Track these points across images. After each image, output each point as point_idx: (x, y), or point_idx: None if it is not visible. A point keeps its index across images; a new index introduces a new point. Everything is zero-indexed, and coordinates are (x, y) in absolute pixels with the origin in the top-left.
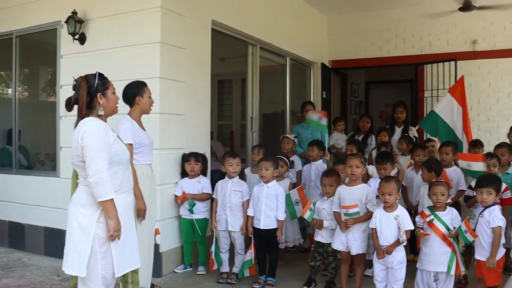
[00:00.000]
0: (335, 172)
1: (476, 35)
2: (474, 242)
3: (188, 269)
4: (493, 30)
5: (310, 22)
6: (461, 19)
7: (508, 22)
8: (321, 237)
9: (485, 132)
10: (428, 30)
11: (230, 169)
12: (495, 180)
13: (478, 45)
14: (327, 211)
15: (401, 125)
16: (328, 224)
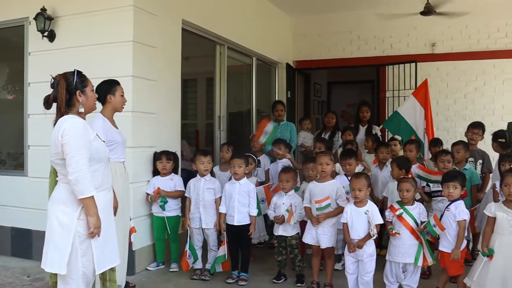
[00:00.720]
0: (292, 168)
1: (435, 38)
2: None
3: (161, 266)
4: (450, 34)
5: (275, 22)
6: (421, 23)
7: (465, 26)
8: (283, 230)
9: (443, 131)
10: (390, 32)
11: (201, 167)
12: (460, 175)
13: (436, 47)
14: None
15: (365, 124)
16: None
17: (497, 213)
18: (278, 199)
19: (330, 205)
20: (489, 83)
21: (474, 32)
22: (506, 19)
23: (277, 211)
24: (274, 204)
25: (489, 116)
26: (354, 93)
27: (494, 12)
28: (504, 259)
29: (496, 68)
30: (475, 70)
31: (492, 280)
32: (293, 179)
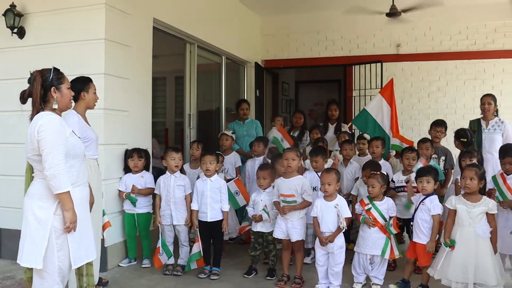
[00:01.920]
0: (269, 165)
1: (399, 39)
2: (413, 226)
3: (133, 263)
4: (415, 35)
5: (245, 22)
6: (386, 24)
7: (428, 28)
8: (261, 227)
9: (408, 129)
10: (356, 33)
11: (172, 163)
12: (434, 170)
13: (401, 48)
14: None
15: (334, 122)
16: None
17: (457, 205)
18: (256, 196)
19: (296, 202)
20: (451, 83)
21: (437, 34)
22: (466, 22)
23: (255, 207)
24: (252, 201)
25: (451, 115)
26: (321, 92)
27: (455, 15)
28: (465, 249)
29: (458, 69)
30: (438, 70)
31: (454, 269)
32: (270, 176)
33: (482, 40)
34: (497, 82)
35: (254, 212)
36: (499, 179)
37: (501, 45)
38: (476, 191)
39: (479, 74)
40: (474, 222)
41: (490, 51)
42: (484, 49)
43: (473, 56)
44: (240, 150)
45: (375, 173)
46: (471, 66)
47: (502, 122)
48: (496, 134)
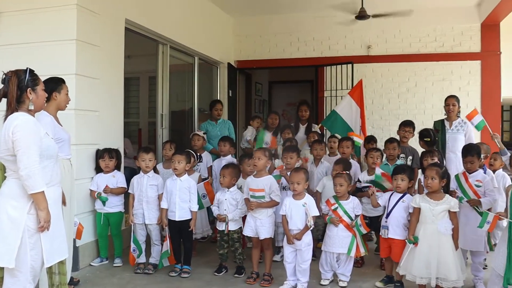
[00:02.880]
0: (232, 164)
1: (370, 41)
2: (389, 223)
3: (105, 262)
4: (385, 37)
5: (217, 23)
6: (357, 26)
7: (398, 30)
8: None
9: (378, 129)
10: (328, 34)
11: (143, 164)
12: (408, 169)
13: (372, 50)
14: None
15: (305, 123)
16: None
17: (421, 204)
18: (220, 195)
19: (264, 198)
20: (420, 84)
21: (407, 36)
22: (434, 25)
23: (220, 206)
24: (217, 200)
25: (420, 115)
26: (294, 93)
27: (424, 18)
28: (428, 246)
29: (427, 70)
30: (407, 71)
31: (417, 264)
32: (230, 175)
33: (449, 42)
34: (464, 83)
35: (218, 211)
36: (461, 177)
37: (467, 48)
38: (438, 189)
39: (447, 76)
40: (436, 219)
41: (457, 53)
42: (451, 51)
43: (441, 58)
44: (213, 150)
45: (342, 173)
46: (439, 67)
47: (465, 123)
48: (459, 134)
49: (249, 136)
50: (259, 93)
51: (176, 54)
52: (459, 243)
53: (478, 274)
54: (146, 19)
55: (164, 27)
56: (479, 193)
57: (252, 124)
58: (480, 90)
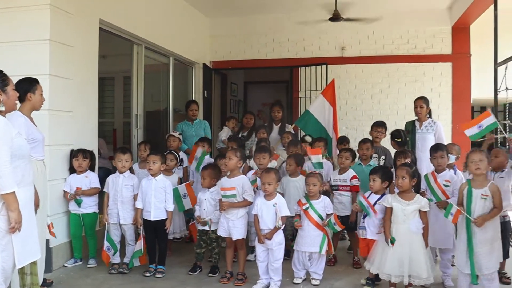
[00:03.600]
0: (211, 165)
1: (344, 42)
2: (367, 224)
3: (79, 263)
4: (358, 39)
5: (193, 23)
6: (331, 27)
7: (371, 32)
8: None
9: (352, 129)
10: (302, 35)
11: (119, 164)
12: (380, 170)
13: (346, 51)
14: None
15: (279, 123)
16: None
17: (393, 203)
18: (201, 195)
19: (236, 196)
20: (393, 85)
21: (380, 38)
22: (407, 27)
23: (200, 206)
24: (198, 200)
25: (393, 116)
26: (269, 93)
27: (397, 20)
28: (400, 245)
29: (400, 72)
30: (381, 73)
31: (390, 263)
32: (209, 176)
33: (421, 44)
34: (435, 84)
35: (198, 212)
36: (430, 177)
37: (439, 50)
38: (409, 189)
39: (419, 77)
40: (408, 219)
41: (429, 55)
42: (423, 53)
43: (414, 60)
44: (188, 150)
45: (315, 172)
46: (411, 69)
47: (434, 123)
48: (428, 134)
49: (224, 136)
50: (234, 94)
51: (151, 55)
52: (428, 241)
53: (446, 270)
54: (120, 19)
55: (139, 28)
56: (447, 192)
57: (228, 124)
58: (451, 91)
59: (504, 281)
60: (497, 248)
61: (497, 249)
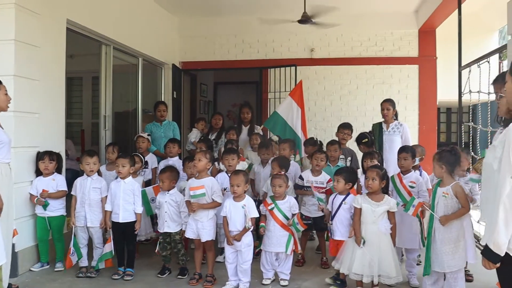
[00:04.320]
0: (169, 168)
1: (313, 44)
2: (335, 225)
3: (45, 267)
4: (327, 41)
5: (162, 24)
6: (301, 29)
7: (340, 34)
8: (167, 227)
9: (320, 130)
10: (272, 37)
11: (87, 168)
12: (344, 171)
13: (315, 53)
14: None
15: (248, 124)
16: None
17: (363, 204)
18: (161, 197)
19: (205, 195)
20: (361, 87)
21: (348, 40)
22: (375, 30)
23: (160, 208)
24: (158, 202)
25: (362, 117)
26: (239, 93)
27: (365, 22)
28: (370, 245)
29: (368, 74)
30: (349, 74)
31: (360, 263)
32: (168, 178)
33: (389, 47)
34: (402, 86)
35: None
36: (396, 179)
37: (406, 52)
38: (378, 190)
39: (387, 79)
40: (377, 220)
41: (397, 57)
42: (391, 56)
43: (381, 62)
44: (157, 151)
45: (280, 174)
46: (379, 71)
47: (401, 125)
48: (395, 136)
49: (194, 138)
50: (204, 94)
51: (120, 55)
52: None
53: (412, 270)
54: (88, 19)
55: (107, 28)
56: (413, 193)
57: (197, 126)
58: (418, 93)
59: (467, 278)
60: (462, 248)
61: (461, 249)
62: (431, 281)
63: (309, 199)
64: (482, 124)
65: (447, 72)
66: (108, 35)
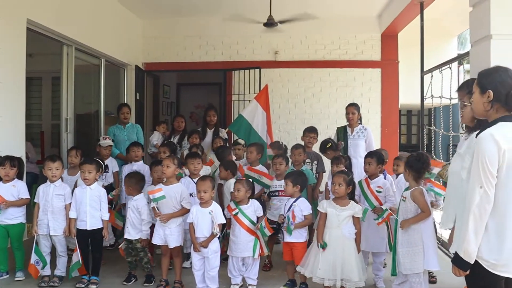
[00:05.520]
0: (133, 174)
1: (277, 46)
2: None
3: (5, 276)
4: (291, 43)
5: (125, 24)
6: (265, 32)
7: (304, 37)
8: (129, 234)
9: (284, 133)
10: (236, 39)
11: (49, 173)
12: (292, 174)
13: (279, 55)
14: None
15: (212, 127)
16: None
17: (328, 209)
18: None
19: (165, 197)
20: (325, 90)
21: (312, 43)
22: (339, 33)
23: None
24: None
25: (325, 120)
26: (203, 94)
27: (329, 26)
28: (333, 249)
29: (331, 76)
30: (313, 77)
31: (323, 267)
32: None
33: (352, 50)
34: (365, 89)
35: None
36: (363, 184)
37: (369, 56)
38: (344, 195)
39: (350, 82)
40: (341, 224)
41: (360, 61)
42: (354, 59)
43: (345, 65)
44: (120, 155)
45: (242, 178)
46: (343, 74)
47: (365, 129)
48: (360, 140)
49: (156, 140)
50: (166, 95)
51: (82, 56)
52: (361, 245)
53: (378, 273)
54: (49, 19)
55: (69, 28)
56: (380, 198)
57: (158, 129)
58: (381, 96)
59: (431, 280)
60: (420, 252)
61: (419, 253)
62: (398, 282)
63: (275, 204)
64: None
65: (409, 76)
66: (70, 35)
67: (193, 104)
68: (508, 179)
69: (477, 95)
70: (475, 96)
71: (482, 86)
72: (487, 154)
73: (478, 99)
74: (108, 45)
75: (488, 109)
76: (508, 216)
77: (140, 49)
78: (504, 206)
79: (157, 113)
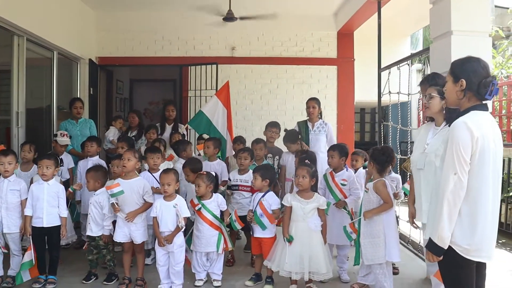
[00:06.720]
0: (94, 167)
1: (234, 42)
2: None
3: None
4: (248, 39)
5: (79, 16)
6: (222, 27)
7: (261, 33)
8: (91, 231)
9: (241, 129)
10: (193, 34)
11: (2, 168)
12: (261, 168)
13: (236, 51)
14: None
15: (171, 122)
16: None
17: (293, 202)
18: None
19: (123, 192)
20: (282, 86)
21: (269, 39)
22: (296, 30)
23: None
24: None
25: (282, 116)
26: (156, 91)
27: (286, 23)
28: (300, 242)
29: (288, 73)
30: (270, 74)
31: (291, 261)
32: (93, 178)
33: (309, 47)
34: (322, 86)
35: None
36: (328, 177)
37: (325, 53)
38: (308, 188)
39: (307, 79)
40: (307, 217)
41: (316, 58)
42: (311, 56)
43: (301, 62)
44: (73, 150)
45: (202, 173)
46: (299, 71)
47: (326, 124)
48: (320, 135)
49: (112, 136)
50: (120, 91)
51: (33, 48)
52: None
53: (343, 265)
54: None
55: (20, 18)
56: (344, 191)
57: (115, 124)
58: (337, 93)
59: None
60: (381, 243)
61: (381, 244)
62: (363, 274)
63: (235, 198)
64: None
65: (366, 73)
66: (21, 25)
67: (147, 100)
68: (480, 166)
69: (450, 84)
70: (448, 85)
71: (455, 76)
72: (461, 142)
73: (451, 88)
74: (61, 37)
75: (461, 97)
76: (480, 202)
77: (94, 42)
78: (476, 192)
79: (110, 108)
